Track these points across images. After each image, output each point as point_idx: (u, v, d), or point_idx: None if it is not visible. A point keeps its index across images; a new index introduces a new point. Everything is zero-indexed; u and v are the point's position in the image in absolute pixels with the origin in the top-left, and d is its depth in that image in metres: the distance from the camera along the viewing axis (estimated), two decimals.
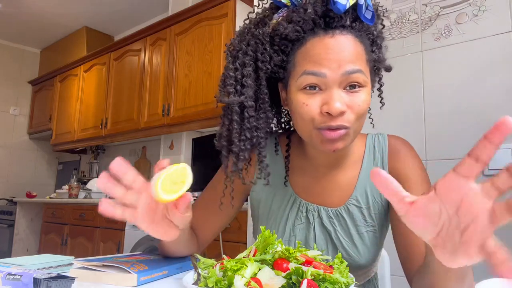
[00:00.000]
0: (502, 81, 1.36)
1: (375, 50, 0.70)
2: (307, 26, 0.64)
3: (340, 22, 0.64)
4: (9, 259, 0.71)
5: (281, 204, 0.78)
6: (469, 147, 0.37)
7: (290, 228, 0.76)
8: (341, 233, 0.74)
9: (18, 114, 4.70)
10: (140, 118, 3.21)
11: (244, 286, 0.47)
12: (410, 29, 1.58)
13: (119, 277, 0.62)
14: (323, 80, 0.63)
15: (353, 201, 0.75)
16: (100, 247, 2.99)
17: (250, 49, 0.70)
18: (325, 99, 0.63)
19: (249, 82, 0.69)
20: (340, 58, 0.62)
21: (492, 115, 1.36)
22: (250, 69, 0.69)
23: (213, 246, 2.23)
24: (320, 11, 0.64)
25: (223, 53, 2.60)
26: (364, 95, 0.64)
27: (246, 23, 0.75)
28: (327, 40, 0.63)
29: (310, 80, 0.63)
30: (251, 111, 0.69)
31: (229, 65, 0.72)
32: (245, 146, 0.70)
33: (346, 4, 0.61)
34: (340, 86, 0.63)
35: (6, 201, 4.17)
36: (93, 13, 4.01)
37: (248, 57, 0.70)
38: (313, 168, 0.77)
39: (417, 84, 1.53)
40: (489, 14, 1.40)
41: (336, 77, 0.62)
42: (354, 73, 0.62)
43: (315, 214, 0.75)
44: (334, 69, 0.62)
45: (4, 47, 4.60)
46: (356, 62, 0.63)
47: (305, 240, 0.75)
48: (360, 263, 0.73)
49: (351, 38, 0.64)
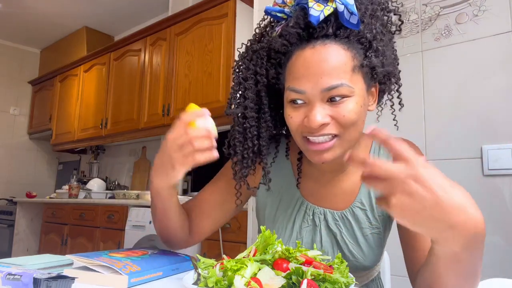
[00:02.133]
0: (502, 81, 1.36)
1: (370, 54, 0.66)
2: (292, 39, 0.66)
3: (322, 31, 0.64)
4: (9, 259, 0.71)
5: (288, 207, 0.80)
6: (469, 147, 0.37)
7: (297, 231, 0.78)
8: (346, 235, 0.75)
9: (18, 114, 4.70)
10: (140, 118, 3.21)
11: (244, 286, 0.47)
12: (410, 29, 1.58)
13: (109, 278, 0.62)
14: (303, 96, 0.65)
15: (358, 204, 0.76)
16: (100, 247, 2.99)
17: (252, 63, 0.74)
18: (306, 113, 0.65)
19: (250, 94, 0.73)
20: (319, 73, 0.62)
21: (492, 115, 1.36)
22: (251, 82, 0.73)
23: (213, 246, 2.23)
24: (302, 23, 0.64)
25: (223, 53, 2.61)
26: (351, 104, 0.64)
27: (251, 39, 0.78)
28: (307, 52, 0.64)
29: (293, 96, 0.66)
30: (252, 121, 0.74)
31: (234, 79, 0.77)
32: (248, 154, 0.74)
33: (320, 15, 0.61)
34: (323, 100, 0.64)
35: (6, 201, 4.17)
36: (93, 13, 4.01)
37: (249, 72, 0.74)
38: (319, 173, 0.79)
39: (417, 84, 1.53)
40: (489, 14, 1.40)
41: (315, 92, 0.63)
42: (333, 88, 0.62)
43: (321, 217, 0.77)
44: (313, 86, 0.63)
45: (4, 47, 4.60)
46: (337, 74, 0.62)
47: (311, 242, 0.77)
48: (365, 264, 0.75)
49: (334, 47, 0.64)
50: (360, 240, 0.75)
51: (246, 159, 0.75)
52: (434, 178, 0.44)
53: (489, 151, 1.33)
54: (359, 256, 0.75)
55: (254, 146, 0.74)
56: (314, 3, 0.62)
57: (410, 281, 0.74)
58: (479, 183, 1.35)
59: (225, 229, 2.17)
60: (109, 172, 4.24)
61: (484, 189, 1.34)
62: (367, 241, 0.75)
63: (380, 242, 0.77)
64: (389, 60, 0.71)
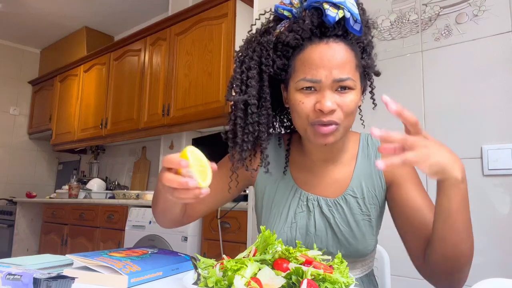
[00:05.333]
0: (502, 81, 1.36)
1: (364, 57, 0.80)
2: (305, 35, 0.75)
3: (333, 31, 0.74)
4: (9, 259, 0.71)
5: (283, 194, 0.87)
6: (469, 147, 0.37)
7: (292, 216, 0.84)
8: (339, 220, 0.82)
9: (18, 114, 4.70)
10: (140, 118, 3.21)
11: (244, 286, 0.47)
12: (410, 29, 1.58)
13: (109, 278, 0.62)
14: (317, 84, 0.74)
15: (350, 192, 0.84)
16: (100, 247, 2.99)
17: (256, 54, 0.81)
18: (318, 98, 0.74)
19: (253, 83, 0.80)
20: (332, 65, 0.73)
21: (492, 115, 1.36)
22: (254, 72, 0.80)
23: (213, 246, 2.23)
24: (316, 22, 0.74)
25: (223, 53, 2.61)
26: (353, 96, 0.75)
27: (252, 33, 0.86)
28: (321, 47, 0.74)
29: (307, 84, 0.75)
30: (254, 108, 0.80)
31: (237, 68, 0.83)
32: (248, 138, 0.80)
33: (336, 16, 0.72)
34: (332, 88, 0.74)
35: (6, 201, 4.17)
36: (93, 13, 4.01)
37: (253, 62, 0.81)
38: (311, 163, 0.87)
39: (417, 84, 1.53)
40: (489, 14, 1.40)
41: (328, 82, 0.73)
42: (343, 80, 0.73)
43: (315, 203, 0.84)
44: (327, 76, 0.73)
45: (4, 47, 4.60)
46: (346, 69, 0.74)
47: (306, 227, 0.83)
48: (358, 248, 0.81)
49: (342, 45, 0.75)
50: (352, 225, 0.81)
51: (246, 143, 0.80)
52: (434, 138, 0.65)
53: (489, 151, 1.33)
54: (352, 240, 0.81)
55: (254, 131, 0.80)
56: (329, 7, 0.72)
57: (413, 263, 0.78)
58: (479, 183, 1.35)
59: (225, 229, 2.16)
60: (109, 172, 4.24)
61: (484, 189, 1.34)
62: (359, 226, 0.81)
63: (370, 230, 0.83)
64: (374, 64, 0.84)
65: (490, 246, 1.29)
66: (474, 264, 0.69)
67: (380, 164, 0.56)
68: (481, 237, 1.31)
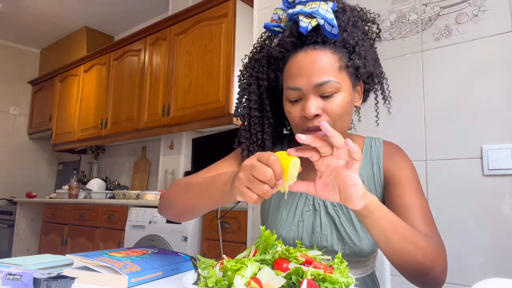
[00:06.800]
0: (502, 81, 1.36)
1: (353, 57, 0.79)
2: (288, 47, 0.80)
3: (312, 39, 0.77)
4: (9, 259, 0.71)
5: (290, 194, 0.89)
6: (469, 147, 0.37)
7: (299, 215, 0.87)
8: (344, 220, 0.84)
9: (18, 114, 4.70)
10: (140, 118, 3.21)
11: (244, 286, 0.47)
12: (410, 29, 1.58)
13: (109, 278, 0.62)
14: (300, 92, 0.77)
15: None
16: (100, 247, 2.99)
17: (254, 71, 0.88)
18: (303, 106, 0.77)
19: (253, 97, 0.87)
20: (311, 72, 0.75)
21: (492, 115, 1.36)
22: (254, 87, 0.87)
23: (213, 246, 2.23)
24: (296, 33, 0.78)
25: (223, 53, 2.61)
26: (339, 99, 0.76)
27: (253, 51, 0.92)
28: (300, 56, 0.78)
29: (292, 94, 0.78)
30: (256, 119, 0.87)
31: (240, 86, 0.92)
32: (253, 147, 0.87)
33: (308, 26, 0.75)
34: (316, 94, 0.76)
35: (6, 201, 4.17)
36: (93, 13, 4.01)
37: (252, 78, 0.88)
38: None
39: (417, 84, 1.53)
40: (489, 14, 1.40)
41: (310, 88, 0.75)
42: (323, 84, 0.75)
43: (321, 202, 0.87)
44: (307, 82, 0.75)
45: (4, 47, 4.60)
46: (325, 72, 0.75)
47: (312, 226, 0.85)
48: (361, 247, 0.82)
49: (323, 51, 0.76)
50: (356, 224, 0.83)
51: (252, 152, 0.86)
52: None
53: (489, 151, 1.33)
54: (356, 239, 0.82)
55: (258, 140, 0.87)
56: (302, 18, 0.76)
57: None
58: (479, 183, 1.34)
59: (225, 229, 2.16)
60: (109, 172, 4.24)
61: (484, 189, 1.34)
62: (362, 226, 0.82)
63: None
64: (370, 62, 0.83)
65: (490, 246, 1.29)
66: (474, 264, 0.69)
67: (301, 137, 0.58)
68: (481, 237, 1.32)
